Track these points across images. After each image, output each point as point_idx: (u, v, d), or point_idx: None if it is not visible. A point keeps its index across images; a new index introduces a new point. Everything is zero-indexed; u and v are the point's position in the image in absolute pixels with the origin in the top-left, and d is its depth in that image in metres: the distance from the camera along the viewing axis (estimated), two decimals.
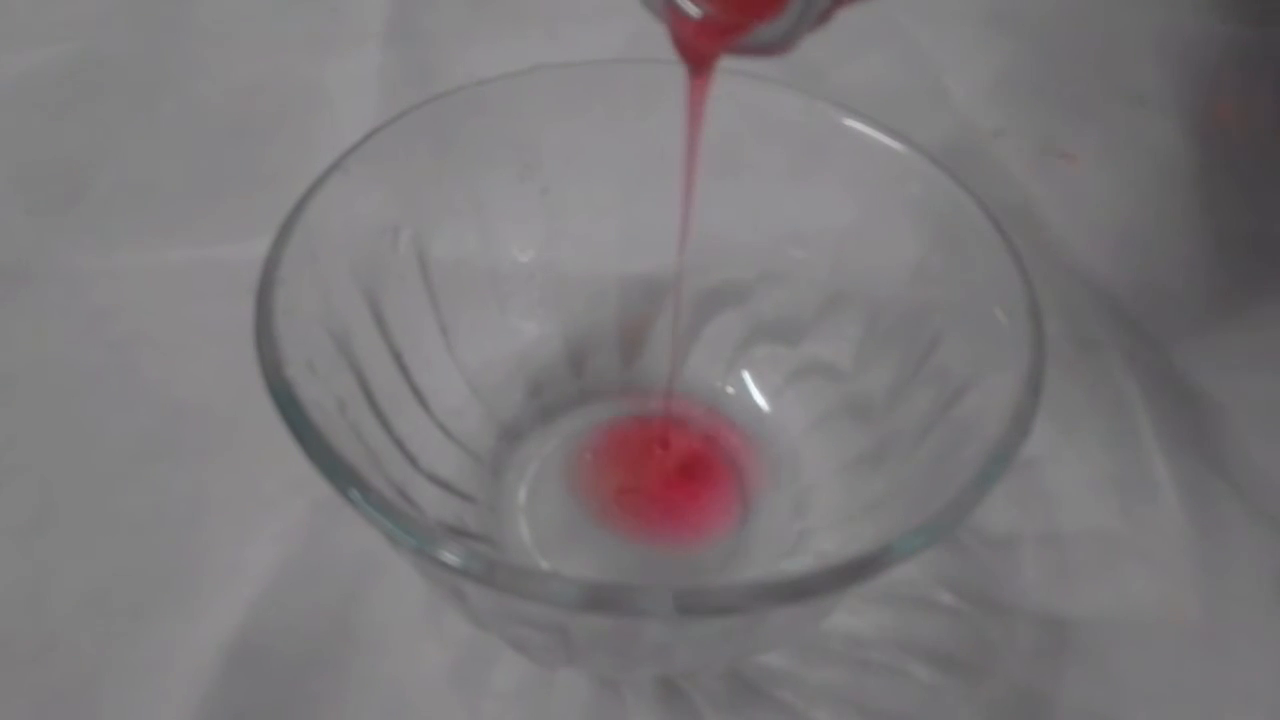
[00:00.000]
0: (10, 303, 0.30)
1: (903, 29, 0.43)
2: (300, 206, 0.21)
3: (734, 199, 0.25)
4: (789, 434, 0.26)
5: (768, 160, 0.25)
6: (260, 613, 0.23)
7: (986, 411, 0.20)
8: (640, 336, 0.28)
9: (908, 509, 0.21)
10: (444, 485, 0.24)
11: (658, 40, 0.21)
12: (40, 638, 0.23)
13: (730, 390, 0.27)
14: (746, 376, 0.27)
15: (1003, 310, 0.21)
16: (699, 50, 0.20)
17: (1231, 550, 0.26)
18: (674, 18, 0.20)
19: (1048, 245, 0.34)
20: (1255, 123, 0.39)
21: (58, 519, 0.25)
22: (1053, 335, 0.20)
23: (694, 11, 0.19)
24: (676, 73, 0.21)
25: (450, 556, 0.16)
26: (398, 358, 0.23)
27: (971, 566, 0.25)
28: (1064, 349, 0.30)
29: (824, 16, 0.18)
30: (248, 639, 0.23)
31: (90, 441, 0.27)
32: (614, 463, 0.26)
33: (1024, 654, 0.23)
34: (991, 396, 0.20)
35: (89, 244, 0.32)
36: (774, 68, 0.39)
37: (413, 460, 0.23)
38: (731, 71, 0.24)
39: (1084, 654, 0.24)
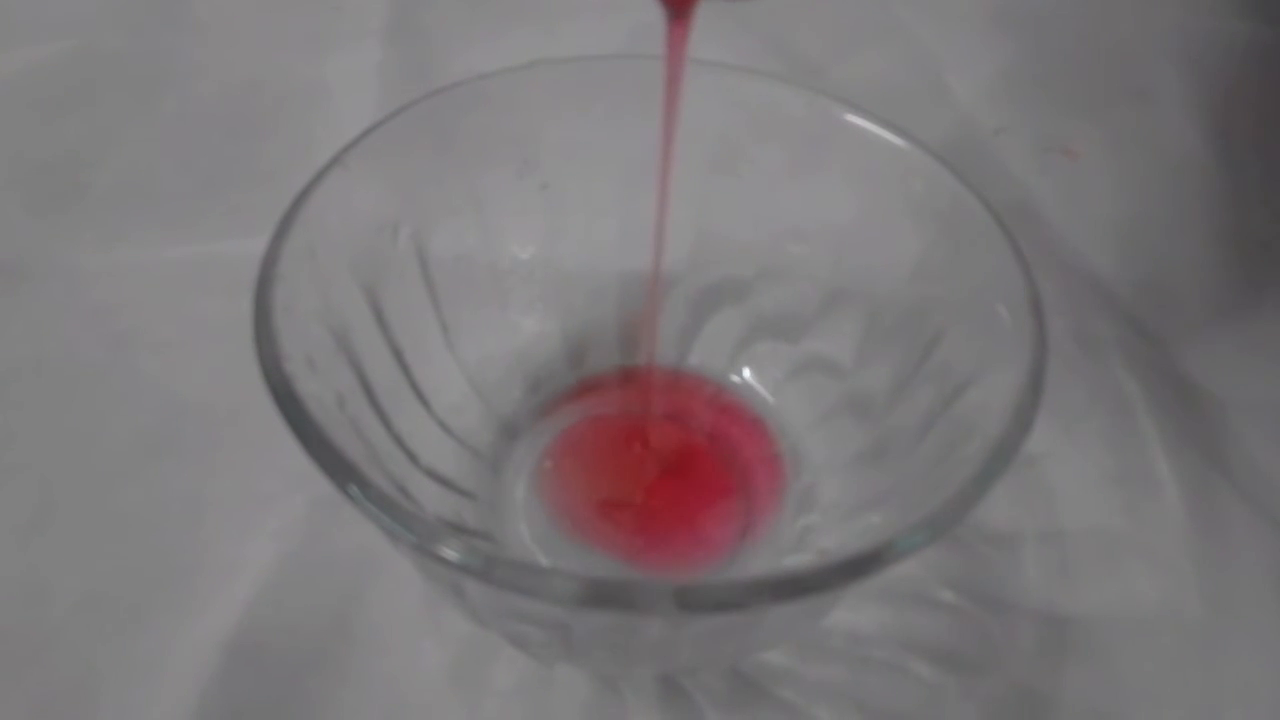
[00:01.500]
0: (9, 300, 0.30)
1: (904, 24, 0.43)
2: (299, 202, 0.21)
3: (734, 195, 0.25)
4: (790, 430, 0.26)
5: (768, 156, 0.25)
6: (259, 610, 0.23)
7: (988, 408, 0.19)
8: (640, 333, 0.28)
9: (909, 506, 0.20)
10: (443, 482, 0.24)
11: (658, 36, 0.21)
12: (39, 635, 0.23)
13: (732, 384, 0.27)
14: (747, 373, 0.27)
15: (1005, 307, 0.21)
16: None
17: (1233, 548, 0.26)
18: None
19: (1050, 242, 0.34)
20: (1261, 121, 0.39)
21: (57, 516, 0.25)
22: (1055, 332, 0.20)
23: None
24: None
25: (450, 552, 0.16)
26: (397, 354, 0.23)
27: (973, 564, 0.25)
28: (1066, 346, 0.30)
29: None
30: (247, 636, 0.23)
31: (89, 439, 0.27)
32: (606, 471, 0.26)
33: (1025, 652, 0.23)
34: (993, 393, 0.20)
35: (89, 241, 0.32)
36: (774, 63, 0.39)
37: (412, 457, 0.23)
38: (731, 67, 0.24)
39: (1085, 652, 0.24)
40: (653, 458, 0.26)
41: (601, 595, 0.16)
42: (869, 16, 0.43)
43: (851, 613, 0.24)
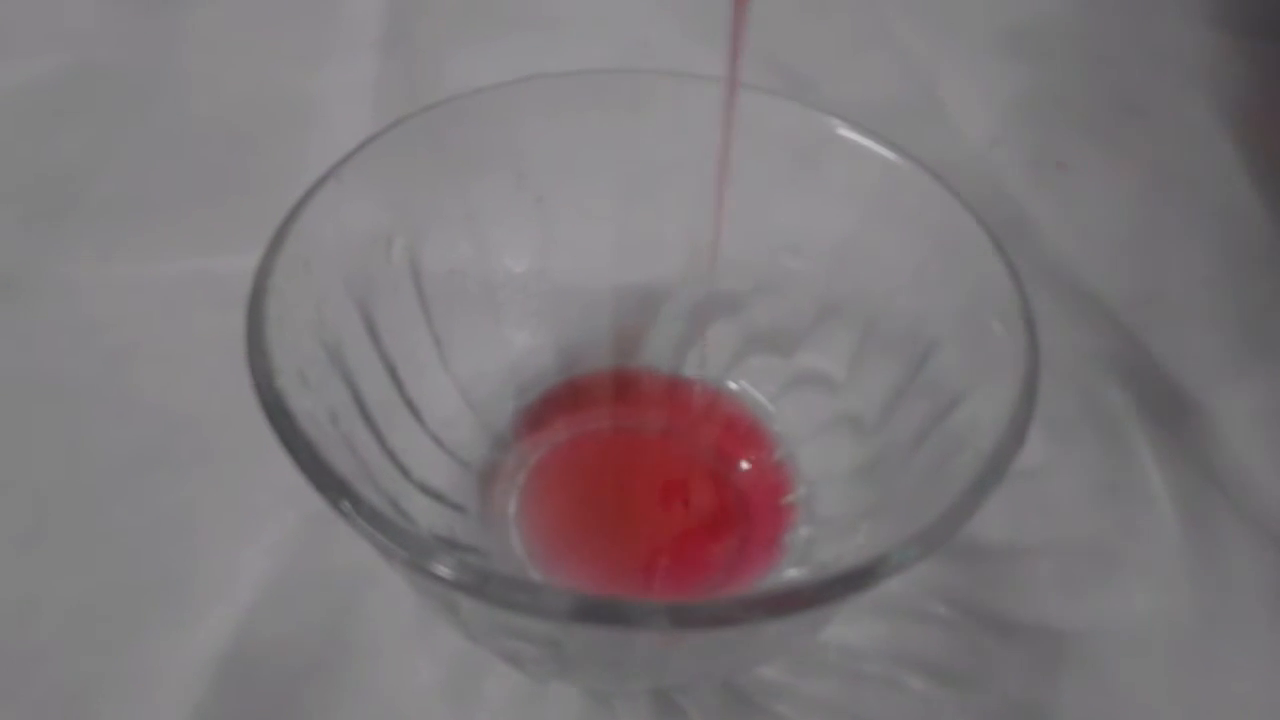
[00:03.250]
0: (3, 313, 0.30)
1: (898, 39, 0.43)
2: (293, 216, 0.21)
3: (729, 209, 0.25)
4: (785, 442, 0.26)
5: (763, 170, 0.25)
6: (252, 625, 0.23)
7: (981, 422, 0.19)
8: (635, 347, 0.28)
9: (904, 519, 0.20)
10: (436, 496, 0.23)
11: (653, 51, 0.21)
12: (32, 650, 0.23)
13: (728, 394, 0.27)
14: (743, 385, 0.27)
15: (998, 321, 0.21)
16: None
17: (1227, 561, 0.26)
18: None
19: (1043, 256, 0.34)
20: (1254, 135, 0.39)
21: (50, 531, 0.25)
22: (1047, 346, 0.20)
23: None
24: (670, 83, 0.21)
25: (443, 569, 0.16)
26: (390, 369, 0.23)
27: (966, 578, 0.25)
28: (1059, 360, 0.30)
29: None
30: (240, 650, 0.23)
31: (82, 453, 0.27)
32: (599, 486, 0.26)
33: (1019, 666, 0.23)
34: (986, 407, 0.20)
35: (82, 255, 0.32)
36: (768, 79, 0.39)
37: (405, 471, 0.23)
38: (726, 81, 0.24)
39: (1079, 665, 0.23)
40: (647, 472, 0.26)
41: (594, 611, 0.16)
42: (863, 30, 0.44)
43: (845, 626, 0.23)
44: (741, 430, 0.26)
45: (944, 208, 0.23)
